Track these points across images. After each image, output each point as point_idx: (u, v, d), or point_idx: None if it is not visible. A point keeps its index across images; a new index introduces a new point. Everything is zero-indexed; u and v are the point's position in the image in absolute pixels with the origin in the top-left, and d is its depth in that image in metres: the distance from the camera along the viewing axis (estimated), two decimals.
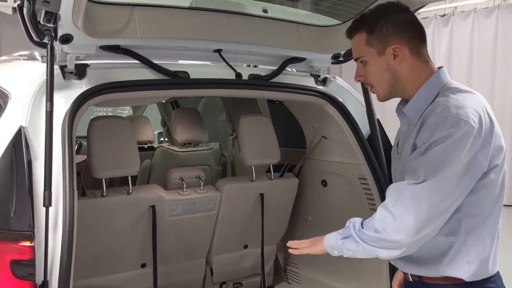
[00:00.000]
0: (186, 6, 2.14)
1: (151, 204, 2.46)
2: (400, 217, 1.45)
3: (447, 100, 1.51)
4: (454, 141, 1.44)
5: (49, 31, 1.72)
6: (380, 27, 1.59)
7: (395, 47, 1.58)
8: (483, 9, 7.69)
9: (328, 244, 1.62)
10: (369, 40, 1.61)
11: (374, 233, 1.48)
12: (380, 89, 1.65)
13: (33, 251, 1.61)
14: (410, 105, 1.62)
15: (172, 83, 2.20)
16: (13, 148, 1.73)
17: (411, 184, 1.46)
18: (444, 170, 1.44)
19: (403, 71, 1.60)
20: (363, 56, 1.64)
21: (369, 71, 1.65)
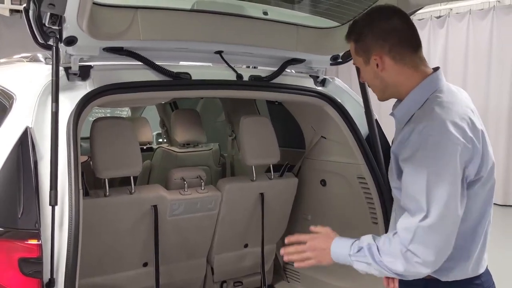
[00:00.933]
0: (188, 8, 2.18)
1: (153, 203, 2.49)
2: (422, 254, 1.45)
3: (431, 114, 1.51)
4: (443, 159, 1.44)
5: (54, 33, 1.76)
6: (364, 38, 1.62)
7: (375, 57, 1.61)
8: (478, 10, 7.74)
9: (338, 259, 1.62)
10: (356, 49, 1.67)
11: (400, 267, 1.47)
12: (375, 91, 1.71)
13: (41, 249, 1.64)
14: (400, 108, 1.65)
15: (174, 84, 2.24)
16: (20, 148, 1.76)
17: (421, 221, 1.45)
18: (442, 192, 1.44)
19: (390, 77, 1.62)
20: (356, 63, 1.71)
21: (363, 76, 1.72)
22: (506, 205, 7.38)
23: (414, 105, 1.59)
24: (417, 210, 1.46)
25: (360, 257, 1.55)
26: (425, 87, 1.60)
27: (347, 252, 1.58)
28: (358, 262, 1.56)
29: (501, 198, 7.39)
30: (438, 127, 1.47)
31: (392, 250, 1.49)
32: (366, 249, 1.54)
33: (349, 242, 1.60)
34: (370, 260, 1.52)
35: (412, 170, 1.48)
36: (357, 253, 1.56)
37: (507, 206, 7.37)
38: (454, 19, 8.04)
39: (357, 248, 1.56)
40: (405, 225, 1.49)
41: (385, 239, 1.53)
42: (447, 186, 1.44)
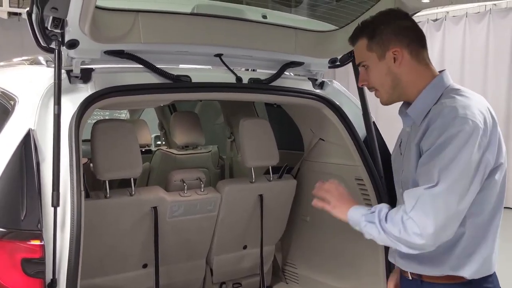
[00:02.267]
0: (188, 12, 2.20)
1: (153, 205, 2.51)
2: (421, 223, 1.48)
3: (453, 101, 1.56)
4: (463, 140, 1.48)
5: (56, 37, 1.77)
6: (380, 33, 1.66)
7: (394, 50, 1.64)
8: (474, 13, 7.79)
9: (351, 219, 1.67)
10: (369, 45, 1.67)
11: (398, 233, 1.52)
12: (383, 92, 1.71)
13: (43, 250, 1.66)
14: (414, 106, 1.67)
15: (174, 87, 2.26)
16: (23, 150, 1.77)
17: (427, 189, 1.49)
18: (456, 170, 1.47)
19: (403, 74, 1.66)
20: (365, 60, 1.70)
21: (371, 75, 1.70)
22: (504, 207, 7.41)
23: (429, 101, 1.63)
24: (427, 181, 1.50)
25: (370, 217, 1.60)
26: (438, 84, 1.66)
27: (361, 213, 1.63)
28: (367, 223, 1.60)
29: None
30: (461, 109, 1.52)
31: (396, 218, 1.53)
32: (377, 211, 1.59)
33: (367, 208, 1.66)
34: (376, 220, 1.57)
35: (433, 151, 1.51)
36: (368, 214, 1.61)
37: (504, 208, 7.40)
38: (451, 22, 8.08)
39: (371, 210, 1.62)
40: (411, 193, 1.54)
41: (396, 208, 1.58)
42: (462, 165, 1.47)
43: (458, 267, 1.62)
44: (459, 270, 1.62)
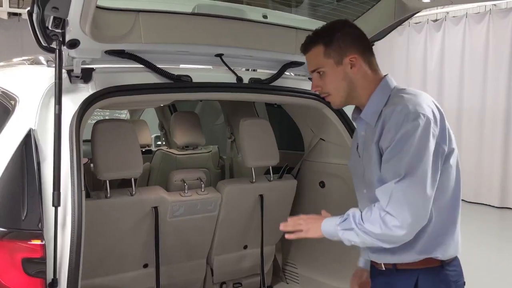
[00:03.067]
0: (189, 12, 2.21)
1: (154, 205, 2.51)
2: (398, 215, 1.56)
3: (402, 100, 1.66)
4: (418, 133, 1.58)
5: (57, 36, 1.77)
6: (337, 39, 1.74)
7: (352, 57, 1.73)
8: (474, 14, 7.80)
9: (326, 232, 1.73)
10: (326, 52, 1.74)
11: (379, 230, 1.58)
12: (337, 97, 1.79)
13: (44, 250, 1.66)
14: (366, 110, 1.76)
15: (175, 87, 2.26)
16: (23, 150, 1.78)
17: (397, 183, 1.58)
18: (418, 161, 1.58)
19: (358, 79, 1.75)
20: (322, 67, 1.76)
21: (326, 81, 1.77)
22: (503, 207, 7.42)
23: (379, 103, 1.73)
24: (395, 176, 1.58)
25: (345, 225, 1.66)
26: (385, 86, 1.77)
27: (335, 223, 1.69)
28: (344, 231, 1.66)
29: (498, 200, 7.44)
30: (411, 106, 1.62)
31: (373, 217, 1.60)
32: (351, 216, 1.66)
33: (338, 217, 1.72)
34: (354, 225, 1.63)
35: (393, 147, 1.60)
36: (343, 222, 1.67)
37: (504, 208, 7.42)
38: (451, 23, 8.09)
39: (344, 218, 1.68)
40: (383, 190, 1.61)
41: (367, 209, 1.65)
42: (422, 155, 1.58)
43: (431, 250, 1.71)
44: (433, 252, 1.71)
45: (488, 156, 7.58)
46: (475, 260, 5.07)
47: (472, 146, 7.69)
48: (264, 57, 2.52)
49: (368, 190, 1.78)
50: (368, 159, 1.74)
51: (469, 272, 1.90)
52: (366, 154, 1.78)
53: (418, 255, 1.72)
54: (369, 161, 1.74)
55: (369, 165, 1.74)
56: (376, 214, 1.60)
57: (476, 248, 5.43)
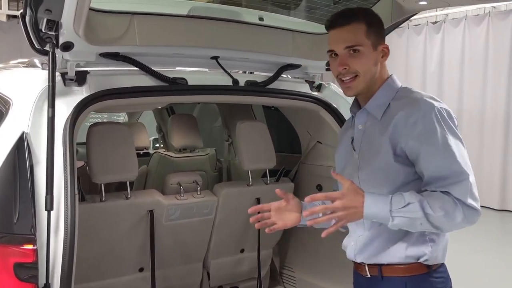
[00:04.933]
0: (184, 14, 2.19)
1: (149, 208, 2.49)
2: (476, 206, 1.60)
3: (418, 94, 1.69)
4: (453, 127, 1.63)
5: (51, 39, 1.76)
6: (378, 24, 1.73)
7: (385, 46, 1.73)
8: (474, 16, 7.80)
9: (372, 214, 1.57)
10: (368, 32, 1.69)
11: (459, 219, 1.57)
12: (362, 80, 1.70)
13: (36, 254, 1.64)
14: (372, 102, 1.74)
15: (170, 90, 2.25)
16: (16, 153, 1.76)
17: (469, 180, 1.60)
18: (466, 155, 1.63)
19: (380, 70, 1.75)
20: (361, 45, 1.67)
21: (360, 61, 1.68)
22: (502, 209, 7.41)
23: (387, 97, 1.73)
24: (460, 174, 1.59)
25: (407, 213, 1.55)
26: (392, 83, 1.77)
27: (387, 208, 1.56)
28: (401, 218, 1.56)
29: (497, 203, 7.42)
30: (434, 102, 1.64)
31: (447, 206, 1.56)
32: (418, 204, 1.55)
33: (385, 198, 1.58)
34: (421, 214, 1.55)
35: (434, 145, 1.59)
36: (403, 208, 1.55)
37: (503, 210, 7.40)
38: (450, 25, 8.09)
39: (404, 203, 1.56)
40: (460, 190, 1.58)
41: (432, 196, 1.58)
42: (463, 147, 1.64)
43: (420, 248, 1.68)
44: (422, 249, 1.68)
45: (487, 159, 7.57)
46: (475, 261, 5.05)
47: (471, 148, 7.65)
48: (260, 60, 2.51)
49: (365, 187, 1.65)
50: (372, 153, 1.69)
51: (468, 275, 1.88)
52: (367, 148, 1.72)
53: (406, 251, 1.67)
54: (373, 155, 1.68)
55: (373, 159, 1.68)
56: (453, 205, 1.57)
57: (475, 249, 5.41)
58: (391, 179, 1.66)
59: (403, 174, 1.65)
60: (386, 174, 1.66)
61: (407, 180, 1.65)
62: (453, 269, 1.86)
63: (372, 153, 1.69)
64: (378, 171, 1.68)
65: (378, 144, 1.67)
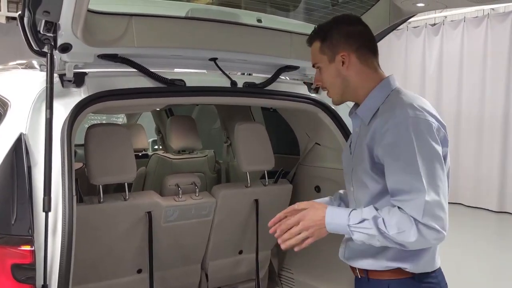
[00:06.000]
0: (183, 16, 2.20)
1: (148, 210, 2.49)
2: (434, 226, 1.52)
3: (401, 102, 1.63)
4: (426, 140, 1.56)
5: (49, 40, 1.76)
6: (331, 36, 1.74)
7: (342, 54, 1.72)
8: (472, 18, 7.81)
9: (333, 229, 1.62)
10: (322, 48, 1.75)
11: (412, 238, 1.51)
12: (333, 93, 1.79)
13: (33, 255, 1.64)
14: (362, 107, 1.75)
15: (168, 91, 2.25)
16: (14, 155, 1.76)
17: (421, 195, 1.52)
18: (437, 171, 1.56)
19: (351, 76, 1.74)
20: (318, 62, 1.78)
21: (323, 76, 1.78)
22: (501, 211, 7.41)
23: (376, 101, 1.71)
24: (417, 190, 1.52)
25: (363, 229, 1.57)
26: (385, 85, 1.74)
27: (345, 222, 1.59)
28: (359, 233, 1.57)
29: (496, 205, 7.42)
30: (411, 111, 1.59)
31: (403, 225, 1.52)
32: (372, 220, 1.55)
33: (345, 212, 1.61)
34: (375, 232, 1.54)
35: (399, 156, 1.56)
36: (358, 224, 1.57)
37: (502, 212, 7.40)
38: (449, 27, 8.10)
39: (359, 219, 1.58)
40: (412, 206, 1.52)
41: (388, 213, 1.55)
42: (437, 163, 1.56)
43: (401, 259, 1.66)
44: (402, 262, 1.66)
45: (486, 160, 7.57)
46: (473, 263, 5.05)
47: (470, 150, 7.68)
48: (258, 61, 2.51)
49: (356, 189, 1.76)
50: (359, 158, 1.71)
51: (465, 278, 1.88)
52: (357, 153, 1.75)
53: (388, 262, 1.68)
54: (360, 160, 1.71)
55: (359, 165, 1.71)
56: (408, 223, 1.52)
57: (474, 251, 5.41)
58: (370, 188, 1.67)
59: (380, 185, 1.64)
60: (366, 182, 1.67)
61: (385, 189, 1.62)
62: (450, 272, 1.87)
63: (359, 159, 1.71)
64: (362, 177, 1.70)
65: (362, 150, 1.69)
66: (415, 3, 2.17)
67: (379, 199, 1.65)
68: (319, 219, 1.63)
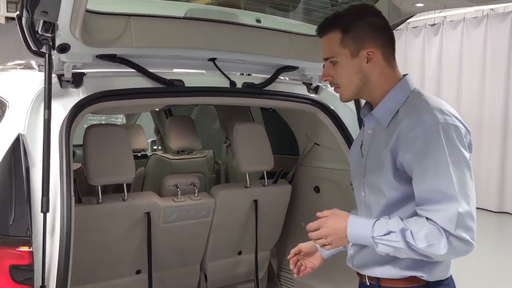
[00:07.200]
0: (181, 16, 2.19)
1: (146, 211, 2.49)
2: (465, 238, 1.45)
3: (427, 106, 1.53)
4: (457, 148, 1.49)
5: (47, 41, 1.76)
6: (356, 28, 1.56)
7: (370, 50, 1.57)
8: (472, 18, 7.80)
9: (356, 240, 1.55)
10: (343, 40, 1.57)
11: (443, 250, 1.45)
12: (347, 91, 1.63)
13: (32, 256, 1.64)
14: (380, 108, 1.62)
15: (167, 91, 2.24)
16: (12, 155, 1.75)
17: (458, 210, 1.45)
18: (469, 181, 1.50)
19: (373, 75, 1.59)
20: (335, 56, 1.59)
21: (339, 72, 1.60)
22: (500, 211, 7.40)
23: (396, 103, 1.59)
24: (449, 200, 1.45)
25: (389, 241, 1.48)
26: (404, 86, 1.62)
27: (369, 234, 1.51)
28: (384, 246, 1.49)
29: (495, 205, 7.42)
30: (441, 116, 1.49)
31: (433, 237, 1.45)
32: (400, 234, 1.47)
33: (369, 223, 1.53)
34: (403, 245, 1.46)
35: (431, 164, 1.47)
36: (384, 236, 1.49)
37: (501, 213, 7.40)
38: (448, 27, 8.10)
39: (385, 231, 1.49)
40: (445, 217, 1.45)
41: (417, 225, 1.48)
42: (467, 171, 1.50)
43: (417, 267, 1.58)
44: (418, 270, 1.58)
45: (485, 160, 7.57)
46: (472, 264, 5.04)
47: None
48: (257, 62, 2.50)
49: (368, 195, 1.65)
50: (376, 163, 1.60)
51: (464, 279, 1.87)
52: (372, 157, 1.63)
53: (402, 271, 1.59)
54: (377, 165, 1.59)
55: (376, 170, 1.59)
56: (438, 235, 1.44)
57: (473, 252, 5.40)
58: (387, 196, 1.58)
59: (401, 193, 1.55)
60: (383, 190, 1.58)
61: (405, 198, 1.55)
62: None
63: (376, 164, 1.60)
64: (378, 183, 1.60)
65: (382, 155, 1.57)
66: (414, 3, 2.16)
67: (395, 209, 1.57)
68: (340, 228, 1.55)
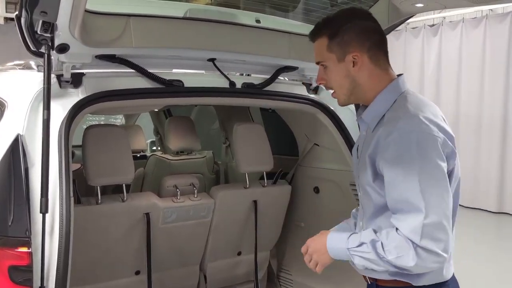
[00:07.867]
0: (181, 16, 2.19)
1: (146, 211, 2.48)
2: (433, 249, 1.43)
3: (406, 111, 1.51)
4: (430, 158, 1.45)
5: (46, 41, 1.75)
6: (342, 33, 1.58)
7: (354, 54, 1.58)
8: (471, 19, 7.80)
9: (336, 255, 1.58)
10: (329, 45, 1.60)
11: (411, 263, 1.43)
12: (340, 94, 1.65)
13: (31, 257, 1.63)
14: (368, 112, 1.63)
15: (166, 92, 2.24)
16: (11, 156, 1.75)
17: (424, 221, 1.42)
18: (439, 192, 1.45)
19: (362, 78, 1.60)
20: (325, 61, 1.63)
21: (329, 76, 1.64)
22: (499, 212, 7.41)
23: (383, 107, 1.59)
24: (415, 210, 1.43)
25: (361, 253, 1.50)
26: (393, 89, 1.61)
27: (344, 246, 1.53)
28: (359, 257, 1.51)
29: (495, 206, 7.42)
30: (416, 123, 1.48)
31: (401, 250, 1.44)
32: (370, 245, 1.49)
33: (344, 236, 1.55)
34: (374, 256, 1.48)
35: (400, 172, 1.46)
36: (357, 248, 1.51)
37: (501, 213, 7.40)
38: (448, 27, 8.10)
39: (358, 243, 1.51)
40: (409, 227, 1.44)
41: (386, 236, 1.48)
42: (440, 181, 1.45)
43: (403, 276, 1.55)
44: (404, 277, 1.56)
45: (485, 161, 7.57)
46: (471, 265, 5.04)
47: (469, 150, 7.67)
48: (257, 62, 2.50)
49: (362, 196, 1.68)
50: (363, 166, 1.62)
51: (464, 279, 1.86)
52: (362, 159, 1.65)
53: (390, 277, 1.58)
54: (363, 168, 1.61)
55: (364, 173, 1.61)
56: (405, 246, 1.43)
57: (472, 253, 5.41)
58: (373, 199, 1.59)
59: (383, 198, 1.54)
60: (369, 193, 1.59)
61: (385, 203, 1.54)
62: None
63: (363, 166, 1.61)
64: (365, 187, 1.61)
65: (366, 159, 1.59)
66: (414, 3, 2.16)
67: (383, 212, 1.56)
68: (321, 245, 1.60)
